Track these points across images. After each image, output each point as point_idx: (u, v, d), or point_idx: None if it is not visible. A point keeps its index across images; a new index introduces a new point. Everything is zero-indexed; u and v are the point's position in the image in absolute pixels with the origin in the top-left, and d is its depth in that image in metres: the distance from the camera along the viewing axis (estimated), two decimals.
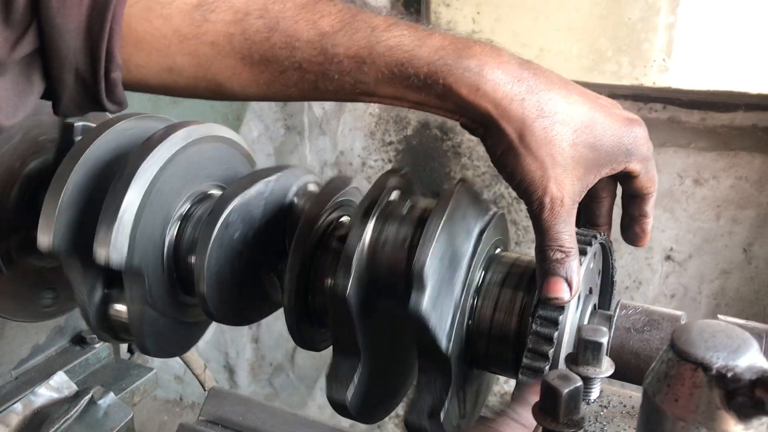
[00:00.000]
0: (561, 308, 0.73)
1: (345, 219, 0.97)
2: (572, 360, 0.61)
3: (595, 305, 0.85)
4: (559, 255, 0.74)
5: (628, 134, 0.76)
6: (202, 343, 2.78)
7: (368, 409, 0.88)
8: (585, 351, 0.59)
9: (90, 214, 0.93)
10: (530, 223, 0.77)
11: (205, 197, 1.02)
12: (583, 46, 2.39)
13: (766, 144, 2.01)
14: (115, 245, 0.88)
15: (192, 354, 1.90)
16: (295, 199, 1.00)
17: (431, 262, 0.74)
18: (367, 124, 2.49)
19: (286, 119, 2.61)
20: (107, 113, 0.88)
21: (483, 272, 0.83)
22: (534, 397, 0.64)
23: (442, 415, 0.79)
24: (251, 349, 2.94)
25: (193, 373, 1.90)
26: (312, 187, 1.03)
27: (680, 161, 2.11)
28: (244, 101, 1.19)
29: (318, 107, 2.54)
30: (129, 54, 0.74)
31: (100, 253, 0.88)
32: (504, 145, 0.74)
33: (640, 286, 2.28)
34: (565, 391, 0.52)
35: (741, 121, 2.03)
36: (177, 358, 2.76)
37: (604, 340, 0.59)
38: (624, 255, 2.28)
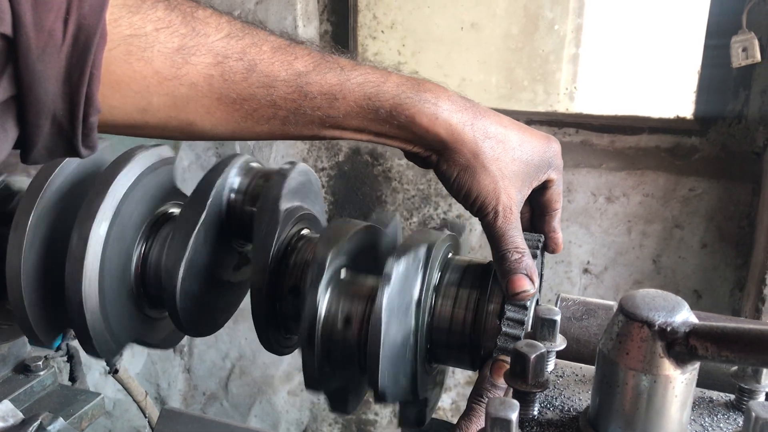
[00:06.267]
0: (525, 309, 0.83)
1: (306, 232, 1.03)
2: (531, 337, 0.70)
3: (537, 299, 0.95)
4: (516, 255, 0.84)
5: (549, 149, 0.89)
6: (132, 374, 2.73)
7: None
8: (542, 328, 0.68)
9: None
10: None
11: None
12: (501, 76, 2.55)
13: (668, 163, 2.20)
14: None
15: (133, 382, 1.88)
16: (233, 195, 1.03)
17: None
18: (300, 150, 2.55)
19: (218, 147, 2.64)
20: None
21: (439, 273, 0.91)
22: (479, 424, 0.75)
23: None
24: (183, 379, 2.91)
25: (135, 401, 1.89)
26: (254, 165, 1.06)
27: (593, 180, 2.28)
28: (211, 140, 1.21)
29: None
30: (104, 96, 0.72)
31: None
32: (461, 166, 0.84)
33: None
34: (533, 356, 0.61)
35: (646, 142, 2.21)
36: (109, 392, 2.70)
37: (558, 318, 0.69)
38: (545, 269, 2.42)
